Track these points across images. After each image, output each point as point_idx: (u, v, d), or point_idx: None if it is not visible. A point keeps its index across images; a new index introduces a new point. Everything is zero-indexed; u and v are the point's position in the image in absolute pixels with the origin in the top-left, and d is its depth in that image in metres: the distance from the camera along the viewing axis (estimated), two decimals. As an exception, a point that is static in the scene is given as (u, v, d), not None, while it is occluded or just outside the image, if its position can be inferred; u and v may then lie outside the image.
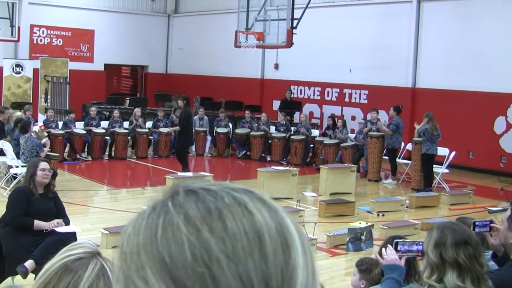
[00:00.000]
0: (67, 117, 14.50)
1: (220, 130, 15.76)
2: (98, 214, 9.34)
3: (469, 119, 14.26)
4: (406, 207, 10.33)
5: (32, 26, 19.20)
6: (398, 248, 3.17)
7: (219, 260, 0.67)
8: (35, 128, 10.50)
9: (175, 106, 17.77)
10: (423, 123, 11.91)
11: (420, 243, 3.14)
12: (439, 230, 2.85)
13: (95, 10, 20.41)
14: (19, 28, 17.87)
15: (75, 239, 5.68)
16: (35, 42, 19.36)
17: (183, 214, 0.70)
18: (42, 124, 10.67)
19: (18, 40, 18.11)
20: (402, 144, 13.01)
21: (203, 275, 0.67)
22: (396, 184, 12.69)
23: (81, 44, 20.17)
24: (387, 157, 12.90)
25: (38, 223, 5.71)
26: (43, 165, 5.85)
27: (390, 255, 3.14)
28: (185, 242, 0.68)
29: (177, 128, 12.52)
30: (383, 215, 9.79)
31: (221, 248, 0.68)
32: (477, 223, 3.44)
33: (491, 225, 3.43)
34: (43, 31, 19.47)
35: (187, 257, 0.68)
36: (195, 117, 15.62)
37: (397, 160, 12.95)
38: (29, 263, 5.49)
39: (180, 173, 11.03)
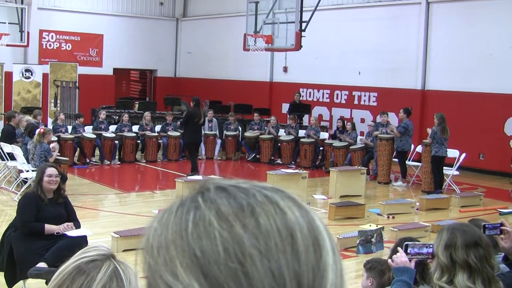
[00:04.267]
0: (76, 121, 14.58)
1: (229, 133, 15.79)
2: (108, 218, 9.38)
3: (480, 120, 14.21)
4: (416, 209, 10.30)
5: (41, 31, 19.34)
6: (408, 251, 3.18)
7: (252, 256, 0.67)
8: (36, 132, 10.51)
9: (184, 109, 17.85)
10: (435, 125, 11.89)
11: (430, 246, 3.14)
12: (449, 231, 2.85)
13: (103, 15, 20.51)
14: (28, 33, 18.01)
15: (86, 243, 5.71)
16: (44, 47, 19.49)
17: (215, 209, 0.71)
18: (42, 127, 10.66)
19: (27, 45, 18.25)
20: (412, 146, 12.98)
21: (236, 270, 0.67)
22: (406, 187, 12.67)
23: (90, 49, 20.29)
24: (397, 160, 12.88)
25: (49, 227, 5.74)
26: (50, 171, 5.84)
27: (400, 258, 3.15)
28: (218, 237, 0.68)
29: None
30: (393, 217, 9.77)
31: (254, 244, 0.68)
32: (487, 225, 3.43)
33: (502, 227, 3.42)
34: (52, 36, 19.60)
35: (219, 252, 0.68)
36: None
37: (407, 162, 12.91)
38: (40, 266, 5.52)
39: (189, 177, 11.05)
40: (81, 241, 5.61)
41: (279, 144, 15.15)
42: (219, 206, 0.71)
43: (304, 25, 13.10)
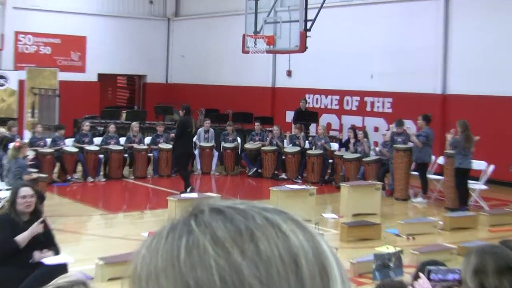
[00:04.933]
0: (56, 133, 14.57)
1: (227, 145, 15.77)
2: (92, 242, 9.31)
3: (509, 128, 14.14)
4: (440, 229, 10.23)
5: (17, 33, 19.38)
6: (431, 277, 3.11)
7: (251, 286, 0.68)
8: (11, 145, 10.45)
9: (177, 119, 17.83)
10: (457, 133, 11.84)
11: (457, 271, 3.07)
12: (478, 254, 2.78)
13: (87, 15, 20.57)
14: (2, 35, 18.06)
15: (66, 271, 5.65)
16: (20, 50, 19.53)
17: (210, 234, 0.71)
18: (18, 140, 10.59)
19: (1, 49, 18.30)
20: (433, 157, 12.93)
21: None
22: (427, 203, 12.61)
23: (72, 52, 20.34)
24: (416, 173, 12.82)
25: (22, 237, 5.62)
26: (24, 191, 5.74)
27: (422, 285, 3.08)
28: (213, 266, 0.69)
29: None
30: (413, 238, 9.70)
31: (254, 273, 0.68)
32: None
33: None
34: (29, 38, 19.64)
35: (215, 282, 0.68)
36: (199, 130, 15.65)
37: (428, 175, 12.85)
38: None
39: (183, 195, 11.01)
40: (60, 270, 5.52)
41: (283, 157, 15.11)
42: (215, 230, 0.72)
43: (309, 24, 13.10)
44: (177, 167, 13.43)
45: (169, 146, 15.09)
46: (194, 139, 14.67)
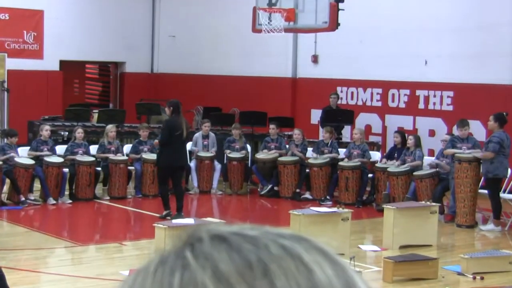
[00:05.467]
0: (5, 140, 14.67)
1: (233, 155, 15.85)
2: (55, 284, 9.36)
3: None
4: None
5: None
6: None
7: None
8: None
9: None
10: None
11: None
12: None
13: (45, -18, 20.69)
14: None
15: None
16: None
17: (211, 268, 0.72)
18: None
19: None
20: (510, 171, 12.95)
21: None
22: (501, 232, 12.61)
23: (25, 32, 20.41)
24: (485, 191, 12.83)
25: None
26: None
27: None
28: None
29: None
30: (482, 278, 9.71)
31: None
32: None
33: None
34: (-31, 14, 19.79)
35: None
36: (196, 134, 15.73)
37: (502, 195, 12.87)
38: None
39: (175, 221, 11.08)
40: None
41: (307, 170, 15.18)
42: (217, 263, 0.73)
43: (342, -8, 13.20)
44: (158, 181, 13.50)
45: (155, 156, 15.19)
46: (189, 146, 14.77)
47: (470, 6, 16.01)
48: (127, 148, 15.71)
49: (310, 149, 15.64)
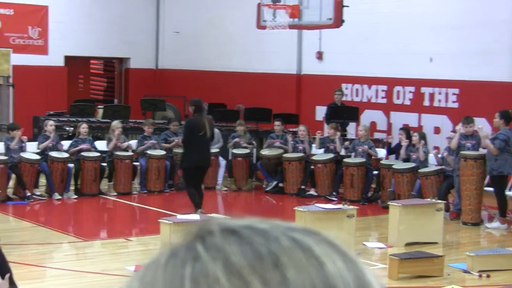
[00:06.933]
0: (9, 135, 14.68)
1: (238, 151, 15.86)
2: (60, 278, 9.37)
3: None
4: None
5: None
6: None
7: None
8: None
9: (171, 116, 17.91)
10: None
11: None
12: None
13: (50, -22, 20.69)
14: None
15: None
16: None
17: (223, 260, 0.73)
18: None
19: None
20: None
21: None
22: (507, 229, 12.60)
23: (30, 28, 20.43)
24: (491, 188, 12.83)
25: None
26: None
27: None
28: None
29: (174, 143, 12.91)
30: (488, 276, 9.69)
31: None
32: None
33: None
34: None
35: None
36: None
37: (507, 192, 12.86)
38: None
39: (180, 216, 11.08)
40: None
41: (312, 167, 15.19)
42: (228, 255, 0.73)
43: (348, -11, 13.18)
44: (184, 183, 13.30)
45: (161, 152, 15.19)
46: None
47: (475, 2, 15.98)
48: (132, 143, 15.68)
49: (313, 146, 15.67)
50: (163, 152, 15.31)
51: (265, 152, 15.83)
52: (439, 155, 14.13)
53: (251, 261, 0.72)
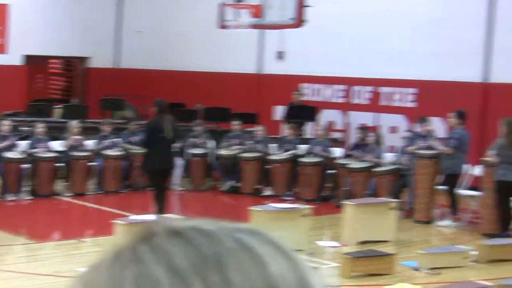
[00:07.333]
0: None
1: (195, 151, 15.82)
2: (11, 281, 9.27)
3: None
4: (473, 261, 10.32)
5: None
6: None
7: None
8: None
9: (130, 116, 17.84)
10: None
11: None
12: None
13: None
14: None
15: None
16: None
17: (165, 263, 0.73)
18: None
19: None
20: (467, 167, 13.04)
21: None
22: (458, 227, 12.70)
23: (-11, 27, 20.32)
24: (444, 187, 12.92)
25: None
26: None
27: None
28: None
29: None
30: (438, 273, 9.77)
31: None
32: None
33: None
34: None
35: None
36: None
37: (459, 191, 12.96)
38: None
39: (133, 217, 11.04)
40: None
41: (268, 166, 15.20)
42: (171, 257, 0.73)
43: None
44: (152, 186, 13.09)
45: (118, 153, 15.12)
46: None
47: (433, 4, 16.09)
48: (89, 144, 15.58)
49: (273, 145, 15.67)
50: (120, 152, 15.22)
51: (222, 152, 15.82)
52: (394, 155, 14.23)
53: (194, 263, 0.72)
